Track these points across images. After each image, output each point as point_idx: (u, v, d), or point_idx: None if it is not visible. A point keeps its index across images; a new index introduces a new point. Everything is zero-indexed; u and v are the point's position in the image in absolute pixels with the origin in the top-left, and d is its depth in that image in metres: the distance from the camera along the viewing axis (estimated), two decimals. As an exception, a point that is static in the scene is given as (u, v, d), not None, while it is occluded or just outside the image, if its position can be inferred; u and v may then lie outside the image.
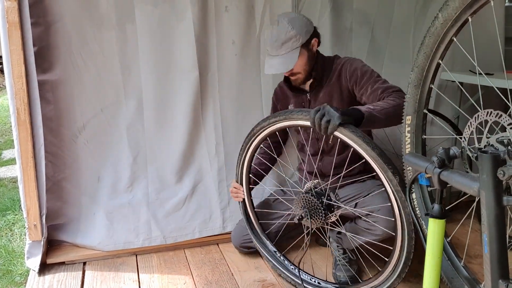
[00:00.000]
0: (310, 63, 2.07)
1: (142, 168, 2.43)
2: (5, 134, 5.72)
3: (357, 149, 1.67)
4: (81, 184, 2.38)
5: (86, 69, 2.26)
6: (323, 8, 2.53)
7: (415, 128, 1.70)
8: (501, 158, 1.07)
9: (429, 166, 1.29)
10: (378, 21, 2.65)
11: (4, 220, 3.08)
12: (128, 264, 2.31)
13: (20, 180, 2.16)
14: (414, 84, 1.63)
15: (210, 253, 2.40)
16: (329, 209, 1.87)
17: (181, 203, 2.46)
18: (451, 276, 1.63)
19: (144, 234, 2.39)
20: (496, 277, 1.08)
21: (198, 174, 2.50)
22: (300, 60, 2.02)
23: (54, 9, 2.16)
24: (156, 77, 2.35)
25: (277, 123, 1.92)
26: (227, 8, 2.38)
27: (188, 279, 2.15)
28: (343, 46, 2.62)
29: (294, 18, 2.04)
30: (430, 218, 1.34)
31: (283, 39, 1.99)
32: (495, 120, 1.25)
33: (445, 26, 1.41)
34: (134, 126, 2.39)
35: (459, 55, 2.60)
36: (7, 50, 2.03)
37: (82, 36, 2.22)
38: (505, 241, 1.08)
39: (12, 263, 2.48)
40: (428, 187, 1.72)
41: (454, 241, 1.72)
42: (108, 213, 2.39)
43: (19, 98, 2.07)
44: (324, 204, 1.86)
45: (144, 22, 2.28)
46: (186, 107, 2.40)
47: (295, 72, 2.07)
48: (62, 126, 2.30)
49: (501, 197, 1.05)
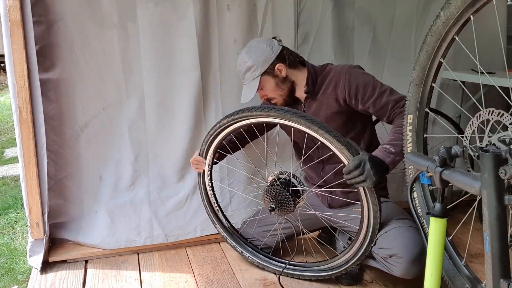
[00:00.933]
0: (282, 87, 2.05)
1: (144, 166, 2.44)
2: (7, 133, 5.73)
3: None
4: (83, 182, 2.39)
5: (88, 68, 2.27)
6: (325, 7, 2.53)
7: (416, 127, 1.70)
8: (503, 157, 1.07)
9: (431, 165, 1.29)
10: (380, 20, 2.65)
11: (6, 218, 3.09)
12: (130, 262, 2.31)
13: (22, 179, 2.17)
14: (416, 83, 1.63)
15: (211, 251, 2.40)
16: (296, 195, 1.94)
17: (182, 201, 2.46)
18: (452, 275, 1.63)
19: (145, 233, 2.40)
20: (498, 276, 1.08)
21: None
22: (268, 86, 2.05)
23: (56, 8, 2.16)
24: (157, 75, 2.35)
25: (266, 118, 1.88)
26: (229, 7, 2.38)
27: (189, 278, 2.16)
28: (344, 45, 2.62)
29: (251, 47, 2.05)
30: (431, 217, 1.34)
31: (243, 69, 2.04)
32: (496, 119, 1.25)
33: (447, 24, 1.41)
34: (136, 124, 2.39)
35: (461, 54, 2.62)
36: (9, 49, 2.03)
37: (84, 35, 2.23)
38: (506, 240, 1.07)
39: (14, 261, 2.49)
40: (429, 186, 1.72)
41: (456, 240, 1.72)
42: (110, 212, 2.39)
43: (21, 96, 2.07)
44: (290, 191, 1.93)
45: (145, 20, 2.28)
46: (188, 106, 2.40)
47: (269, 97, 2.09)
48: (64, 124, 2.30)
49: (502, 196, 1.05)
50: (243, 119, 1.92)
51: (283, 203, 1.94)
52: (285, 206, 1.94)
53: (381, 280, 2.06)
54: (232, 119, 1.95)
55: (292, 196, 1.93)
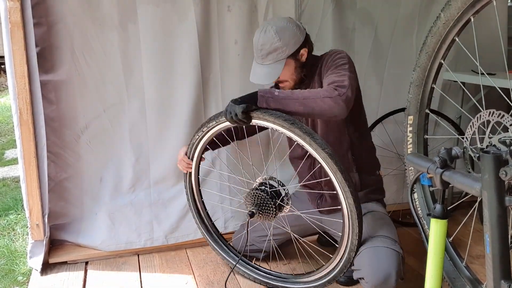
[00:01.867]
0: (298, 72, 1.98)
1: (145, 168, 2.43)
2: (8, 134, 5.74)
3: (275, 128, 1.70)
4: (83, 184, 2.39)
5: (88, 70, 2.27)
6: (326, 8, 2.53)
7: (417, 128, 1.70)
8: (503, 158, 1.07)
9: (431, 166, 1.29)
10: (382, 21, 2.64)
11: (6, 219, 3.09)
12: (130, 263, 2.31)
13: (22, 180, 2.17)
14: (416, 84, 1.63)
15: (211, 253, 2.40)
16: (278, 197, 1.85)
17: (183, 203, 2.46)
18: (453, 276, 1.63)
19: (146, 235, 2.40)
20: (498, 277, 1.08)
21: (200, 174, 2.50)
22: (286, 70, 1.94)
23: (56, 9, 2.16)
24: (158, 77, 2.35)
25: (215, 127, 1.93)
26: (230, 8, 2.37)
27: (190, 279, 2.15)
28: (345, 46, 2.61)
29: (282, 28, 1.90)
30: (432, 218, 1.34)
31: (268, 49, 1.89)
32: (497, 120, 1.25)
33: (447, 26, 1.41)
34: (136, 126, 2.39)
35: (462, 55, 2.62)
36: (10, 50, 2.03)
37: (84, 36, 2.23)
38: (507, 242, 1.07)
39: (15, 262, 2.49)
40: (430, 187, 1.72)
41: (456, 241, 1.72)
42: (110, 213, 2.39)
43: (22, 98, 2.07)
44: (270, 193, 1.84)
45: (146, 22, 2.28)
46: (189, 108, 2.40)
47: (282, 80, 1.98)
48: (64, 126, 2.30)
49: (503, 197, 1.05)
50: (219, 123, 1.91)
51: (264, 208, 1.84)
52: (266, 211, 1.85)
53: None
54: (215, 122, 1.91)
55: (273, 200, 1.83)
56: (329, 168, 1.63)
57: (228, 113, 1.73)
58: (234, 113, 1.70)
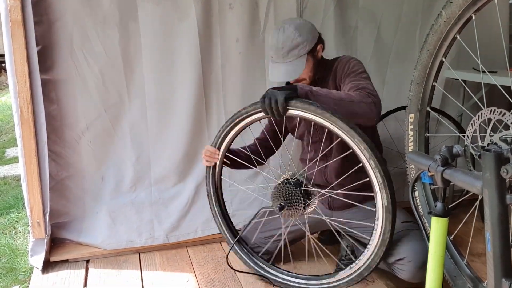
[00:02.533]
0: (315, 69, 2.01)
1: (145, 167, 2.44)
2: (8, 133, 5.74)
3: (314, 118, 1.65)
4: (84, 183, 2.39)
5: (88, 68, 2.26)
6: (328, 6, 2.52)
7: (418, 126, 1.70)
8: (505, 156, 1.06)
9: (432, 164, 1.29)
10: (384, 20, 2.63)
11: (7, 218, 3.09)
12: (131, 262, 2.31)
13: (23, 178, 2.17)
14: (417, 82, 1.63)
15: (212, 251, 2.40)
16: (307, 197, 1.85)
17: (183, 202, 2.46)
18: (454, 274, 1.63)
19: (146, 234, 2.40)
20: (499, 275, 1.08)
21: (201, 173, 2.49)
22: (306, 67, 1.97)
23: (57, 7, 2.16)
24: (159, 76, 2.35)
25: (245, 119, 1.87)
26: (231, 6, 2.37)
27: (191, 277, 2.15)
28: (347, 45, 2.61)
29: (300, 24, 1.97)
30: (433, 216, 1.34)
31: (289, 46, 1.92)
32: (498, 118, 1.25)
33: (448, 23, 1.41)
34: (137, 126, 2.39)
35: (463, 53, 2.61)
36: (10, 49, 2.03)
37: (84, 35, 2.23)
38: (508, 240, 1.07)
39: (16, 261, 2.49)
40: (431, 185, 1.72)
41: (457, 240, 1.72)
42: (111, 212, 2.39)
43: (22, 96, 2.07)
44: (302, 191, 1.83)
45: (147, 20, 2.28)
46: (190, 106, 2.40)
47: (300, 78, 1.99)
48: (65, 126, 2.30)
49: (504, 195, 1.05)
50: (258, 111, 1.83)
51: (294, 203, 1.84)
52: (295, 207, 1.84)
53: (383, 280, 2.06)
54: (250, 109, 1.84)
55: (303, 197, 1.83)
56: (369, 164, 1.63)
57: (267, 99, 1.67)
58: (275, 99, 1.65)
